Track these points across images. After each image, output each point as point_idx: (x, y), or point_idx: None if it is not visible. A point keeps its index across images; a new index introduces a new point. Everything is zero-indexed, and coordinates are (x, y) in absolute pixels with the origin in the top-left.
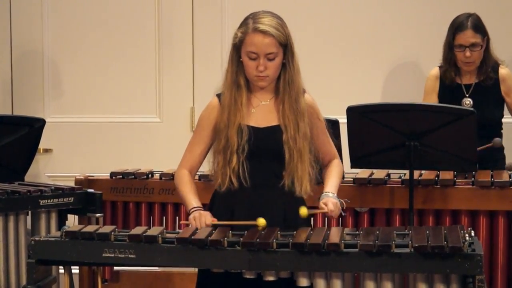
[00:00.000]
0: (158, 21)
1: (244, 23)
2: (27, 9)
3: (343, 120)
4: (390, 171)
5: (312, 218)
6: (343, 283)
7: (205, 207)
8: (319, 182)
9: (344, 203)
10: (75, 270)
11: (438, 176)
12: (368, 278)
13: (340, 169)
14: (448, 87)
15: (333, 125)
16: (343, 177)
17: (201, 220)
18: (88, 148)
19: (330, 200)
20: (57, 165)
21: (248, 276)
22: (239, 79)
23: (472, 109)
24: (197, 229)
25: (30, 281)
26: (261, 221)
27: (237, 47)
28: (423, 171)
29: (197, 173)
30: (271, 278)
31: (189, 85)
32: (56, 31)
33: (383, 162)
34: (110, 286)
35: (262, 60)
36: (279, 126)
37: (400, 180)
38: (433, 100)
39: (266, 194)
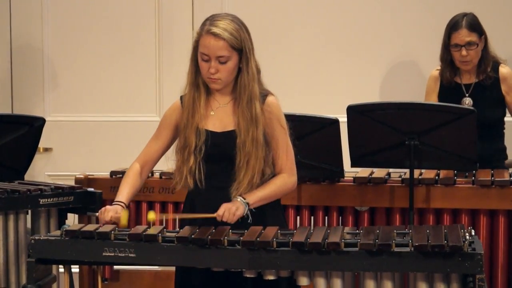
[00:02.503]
0: (158, 20)
1: (202, 24)
2: (27, 7)
3: (343, 119)
4: (390, 170)
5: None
6: (343, 282)
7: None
8: None
9: (250, 216)
10: (75, 269)
11: (438, 175)
12: (368, 277)
13: (281, 184)
14: (448, 87)
15: (333, 124)
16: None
17: (102, 215)
18: (88, 147)
19: (225, 206)
20: (57, 164)
21: (248, 275)
22: (198, 80)
23: (472, 108)
24: (197, 228)
25: (30, 280)
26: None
27: (194, 48)
28: (423, 170)
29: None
30: (271, 277)
31: None
32: (56, 30)
33: (383, 161)
34: (110, 285)
35: (213, 62)
36: (234, 131)
37: (400, 179)
38: (433, 100)
39: (220, 197)
